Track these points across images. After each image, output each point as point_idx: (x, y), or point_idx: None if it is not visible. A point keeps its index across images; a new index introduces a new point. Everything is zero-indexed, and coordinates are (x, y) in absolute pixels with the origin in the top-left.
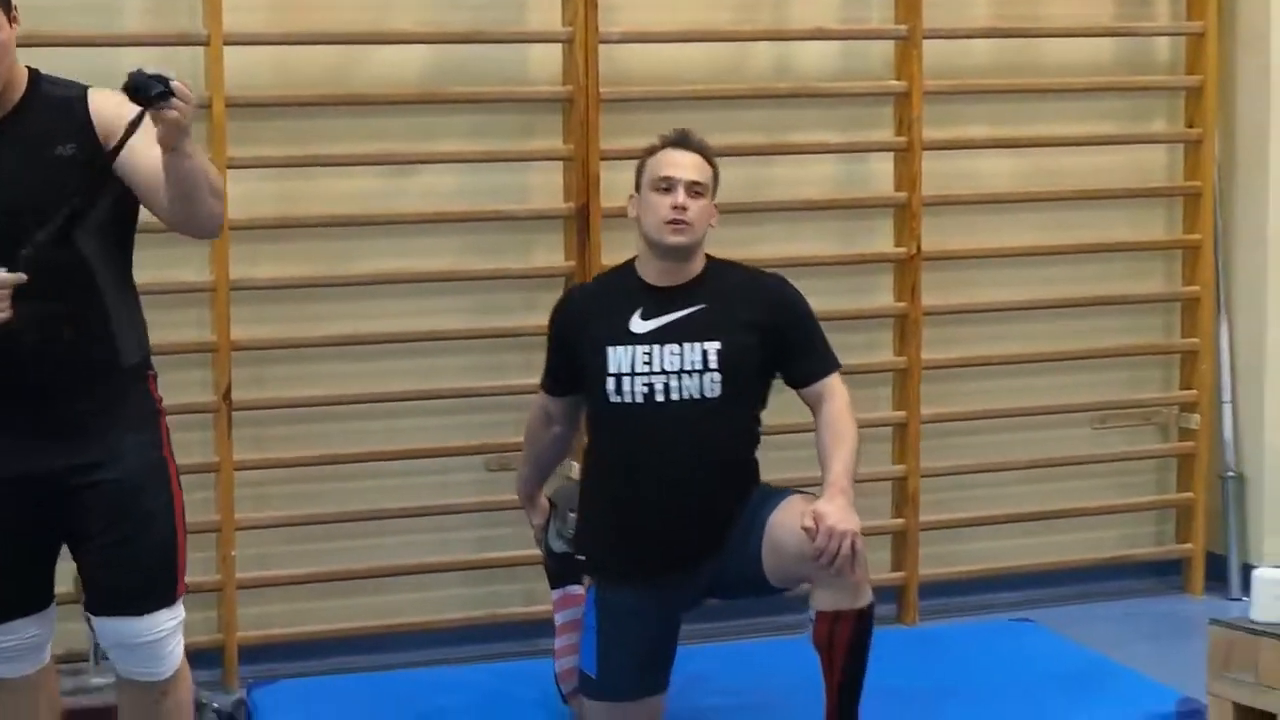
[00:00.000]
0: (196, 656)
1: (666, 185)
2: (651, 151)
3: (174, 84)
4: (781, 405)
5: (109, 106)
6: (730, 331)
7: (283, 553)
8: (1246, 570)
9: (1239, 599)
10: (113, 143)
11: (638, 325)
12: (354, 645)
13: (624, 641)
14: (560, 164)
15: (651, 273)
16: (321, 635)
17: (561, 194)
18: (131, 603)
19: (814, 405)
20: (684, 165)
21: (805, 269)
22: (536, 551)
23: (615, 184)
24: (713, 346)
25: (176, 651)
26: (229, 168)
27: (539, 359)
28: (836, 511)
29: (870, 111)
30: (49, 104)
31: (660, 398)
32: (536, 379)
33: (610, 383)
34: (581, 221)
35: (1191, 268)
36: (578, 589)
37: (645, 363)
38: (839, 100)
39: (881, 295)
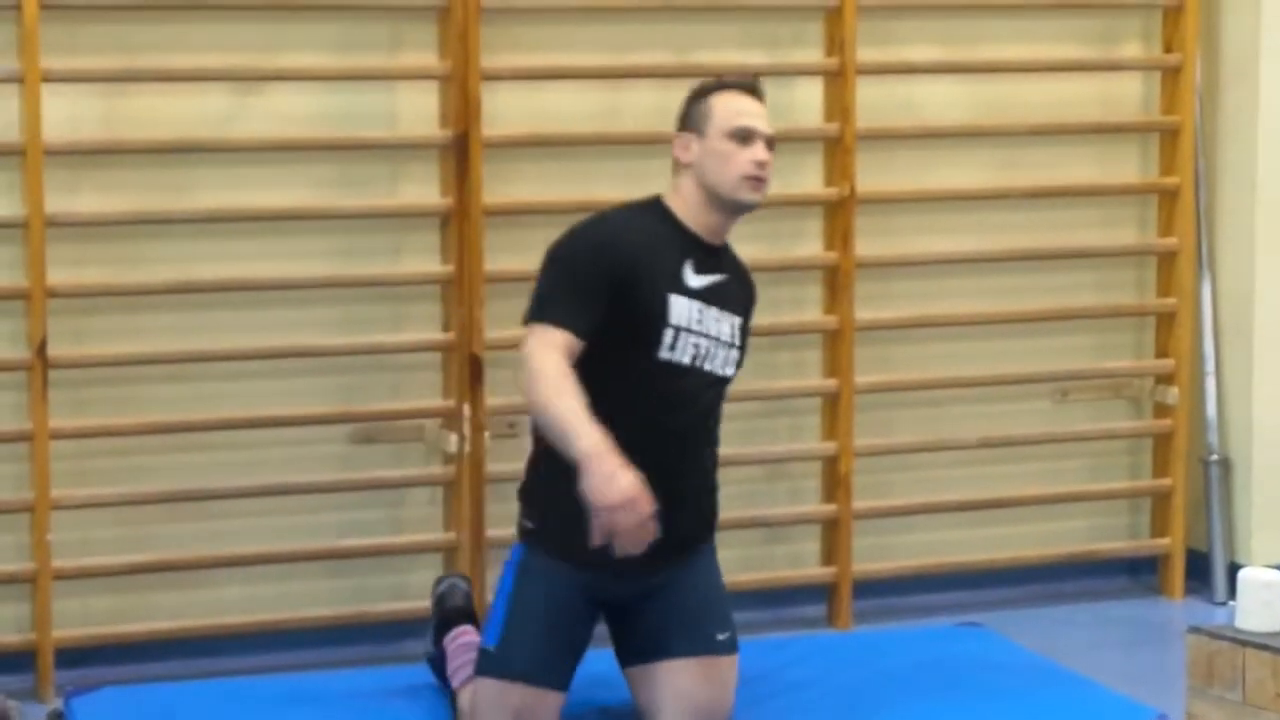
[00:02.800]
0: (3, 660)
1: (746, 136)
2: (710, 90)
3: None
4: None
5: None
6: (741, 311)
7: (108, 537)
8: (1233, 570)
9: (1224, 603)
10: None
11: (691, 278)
12: (192, 646)
13: (541, 615)
14: (435, 83)
15: (699, 223)
16: (153, 635)
17: (436, 119)
18: None
19: None
20: (761, 116)
21: None
22: (407, 538)
23: (498, 108)
24: (737, 322)
25: None
26: (44, 81)
27: (410, 311)
28: None
29: (796, 28)
30: None
31: (701, 363)
32: (408, 334)
33: (669, 335)
34: (459, 151)
35: (1168, 215)
36: (469, 630)
37: (698, 321)
38: (759, 14)
39: (809, 243)
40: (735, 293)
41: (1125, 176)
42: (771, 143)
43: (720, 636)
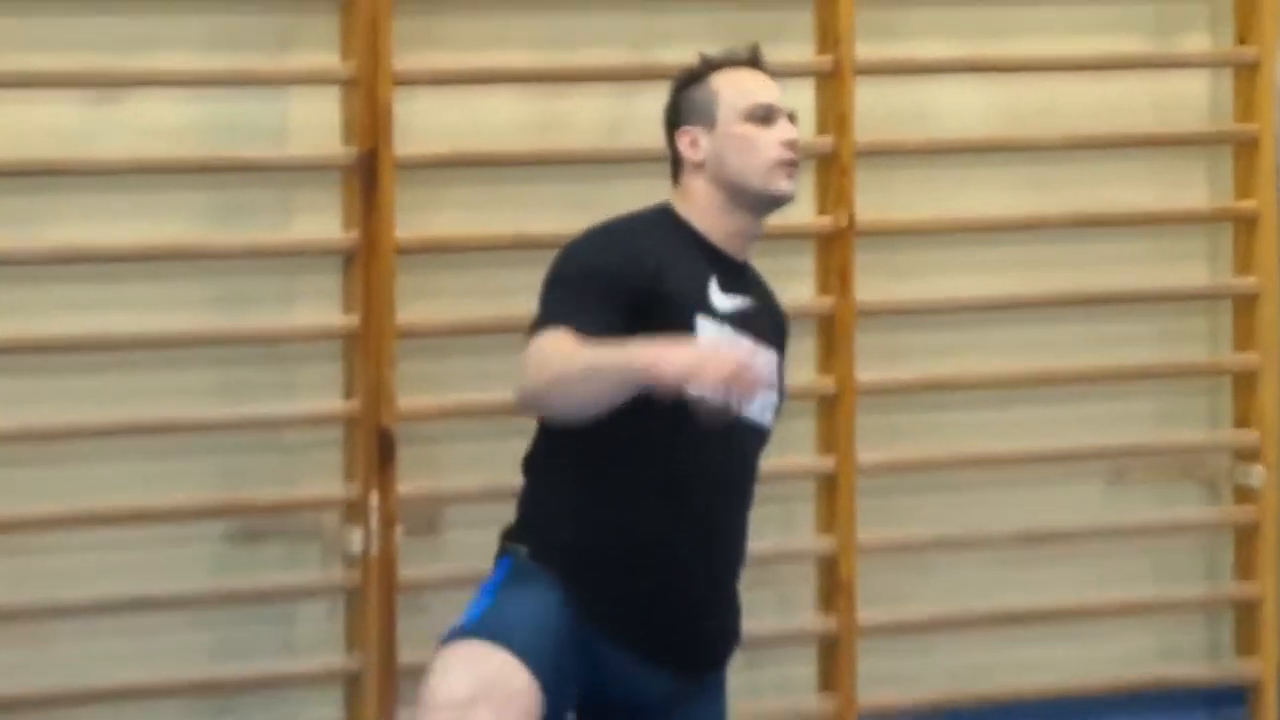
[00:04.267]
0: None
1: (767, 115)
2: (705, 72)
3: None
4: None
5: None
6: (775, 345)
7: None
8: None
9: None
10: None
11: (718, 299)
12: None
13: (535, 611)
14: (336, 89)
15: (721, 232)
16: None
17: (338, 133)
18: None
19: None
20: (775, 90)
21: None
22: (300, 663)
23: (415, 119)
24: (773, 358)
25: None
26: None
27: (304, 373)
28: None
29: (780, 18)
30: None
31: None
32: (301, 403)
33: None
34: (366, 174)
35: (1245, 248)
36: None
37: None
38: (733, 4)
39: (799, 284)
40: (766, 321)
41: (1190, 200)
42: (794, 118)
43: None
